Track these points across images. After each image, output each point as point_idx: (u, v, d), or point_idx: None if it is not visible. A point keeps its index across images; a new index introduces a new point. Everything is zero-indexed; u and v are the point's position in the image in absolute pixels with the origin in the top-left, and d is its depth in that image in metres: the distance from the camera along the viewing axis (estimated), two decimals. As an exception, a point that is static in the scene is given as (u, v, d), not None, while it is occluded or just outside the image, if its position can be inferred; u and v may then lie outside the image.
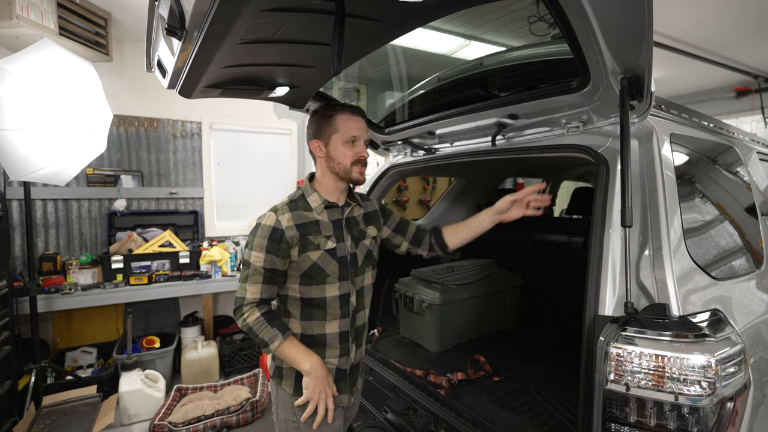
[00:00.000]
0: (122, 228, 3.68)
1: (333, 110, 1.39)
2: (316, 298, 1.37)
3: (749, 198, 1.72)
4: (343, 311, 1.40)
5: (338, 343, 1.41)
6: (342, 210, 1.44)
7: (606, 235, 1.16)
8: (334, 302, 1.38)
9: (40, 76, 2.41)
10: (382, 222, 1.61)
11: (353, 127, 1.38)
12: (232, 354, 3.60)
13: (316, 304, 1.38)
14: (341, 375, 1.44)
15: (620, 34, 1.02)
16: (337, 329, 1.40)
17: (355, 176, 1.39)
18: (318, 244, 1.35)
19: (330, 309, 1.38)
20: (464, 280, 2.26)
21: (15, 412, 2.67)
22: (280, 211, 1.34)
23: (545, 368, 1.99)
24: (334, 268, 1.37)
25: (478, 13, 1.63)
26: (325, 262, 1.35)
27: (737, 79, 4.35)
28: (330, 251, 1.36)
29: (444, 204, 3.15)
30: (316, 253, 1.34)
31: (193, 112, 3.97)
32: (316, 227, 1.36)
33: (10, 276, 2.68)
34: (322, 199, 1.39)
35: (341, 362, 1.43)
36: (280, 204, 1.39)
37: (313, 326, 1.39)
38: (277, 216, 1.33)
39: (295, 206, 1.38)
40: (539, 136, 1.64)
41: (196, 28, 1.05)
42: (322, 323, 1.39)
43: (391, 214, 1.67)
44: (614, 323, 1.04)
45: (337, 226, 1.41)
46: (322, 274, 1.35)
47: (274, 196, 4.41)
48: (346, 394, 1.45)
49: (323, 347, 1.40)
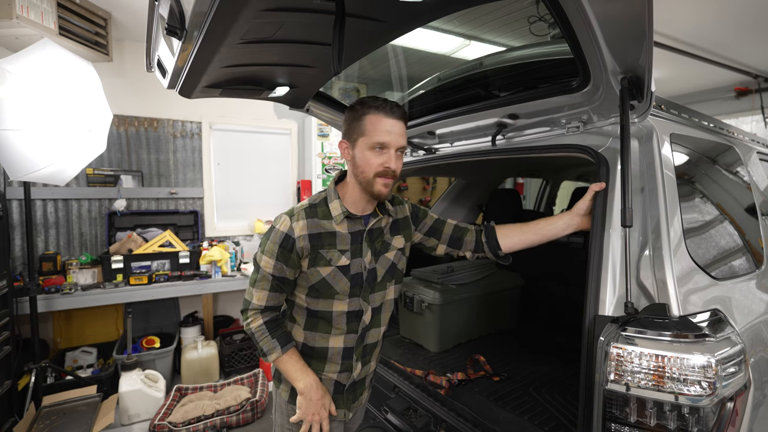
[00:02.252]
0: (122, 228, 3.68)
1: (366, 107, 1.20)
2: (321, 311, 1.29)
3: (749, 198, 1.72)
4: (350, 327, 1.30)
5: (340, 359, 1.32)
6: (365, 221, 1.29)
7: (606, 235, 1.16)
8: (341, 318, 1.29)
9: (40, 76, 2.41)
10: (415, 228, 1.45)
11: (383, 131, 1.18)
12: (232, 354, 3.60)
13: (322, 316, 1.29)
14: (339, 389, 1.36)
15: (620, 34, 1.02)
16: (341, 344, 1.30)
17: (377, 189, 1.21)
18: (330, 259, 1.23)
19: (336, 323, 1.29)
20: (464, 280, 2.26)
21: (15, 412, 2.67)
22: (296, 217, 1.23)
23: (545, 368, 1.99)
24: (345, 286, 1.25)
25: (478, 13, 1.62)
26: (336, 279, 1.24)
27: (737, 79, 4.35)
28: (342, 268, 1.24)
29: (444, 204, 3.15)
30: (327, 269, 1.23)
31: (193, 112, 3.97)
32: (332, 239, 1.24)
33: (10, 276, 2.68)
34: (343, 209, 1.25)
35: (341, 377, 1.35)
36: (298, 207, 1.26)
37: (316, 338, 1.31)
38: (292, 222, 1.22)
39: (314, 212, 1.25)
40: (539, 136, 1.64)
41: (196, 28, 1.05)
42: (326, 336, 1.30)
43: (425, 216, 1.48)
44: (614, 323, 1.04)
45: (357, 239, 1.27)
46: (330, 290, 1.25)
47: (274, 196, 4.42)
48: (342, 410, 1.37)
49: (324, 360, 1.32)
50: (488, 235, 1.44)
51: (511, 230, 1.43)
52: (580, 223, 1.34)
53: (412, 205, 1.49)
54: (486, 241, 1.44)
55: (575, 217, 1.34)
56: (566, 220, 1.35)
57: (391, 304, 1.40)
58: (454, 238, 1.47)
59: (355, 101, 1.26)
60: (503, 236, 1.43)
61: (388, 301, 1.38)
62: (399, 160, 1.24)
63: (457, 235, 1.47)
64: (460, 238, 1.47)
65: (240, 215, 4.29)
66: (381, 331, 1.39)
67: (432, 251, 1.52)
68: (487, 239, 1.44)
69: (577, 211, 1.33)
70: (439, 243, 1.48)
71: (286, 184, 4.53)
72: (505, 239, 1.43)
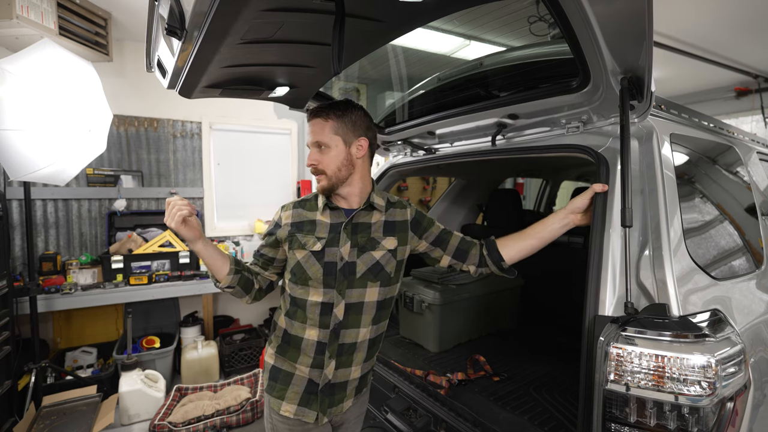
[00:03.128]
0: (122, 228, 3.68)
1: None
2: (298, 298, 1.34)
3: (749, 198, 1.72)
4: (322, 320, 1.31)
5: (312, 353, 1.32)
6: (348, 213, 1.34)
7: (606, 235, 1.16)
8: (314, 308, 1.31)
9: (40, 76, 2.41)
10: (415, 234, 1.44)
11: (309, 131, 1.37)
12: (232, 354, 3.60)
13: (299, 305, 1.34)
14: (312, 388, 1.34)
15: (620, 34, 1.02)
16: (315, 338, 1.31)
17: (318, 185, 1.37)
18: (305, 243, 1.31)
19: (309, 314, 1.32)
20: (464, 280, 2.26)
21: (15, 412, 2.67)
22: (285, 208, 1.40)
23: (545, 368, 1.99)
24: (317, 272, 1.29)
25: (478, 13, 1.62)
26: (309, 263, 1.30)
27: (737, 79, 4.35)
28: (316, 253, 1.30)
29: (444, 204, 3.15)
30: (301, 252, 1.32)
31: (193, 112, 3.97)
32: (311, 226, 1.34)
33: (10, 276, 2.68)
34: (324, 200, 1.35)
35: (314, 374, 1.33)
36: (291, 201, 1.43)
37: (294, 326, 1.34)
38: (282, 212, 1.40)
39: (302, 205, 1.40)
40: (539, 136, 1.64)
41: (196, 28, 1.05)
42: (303, 326, 1.33)
43: (431, 225, 1.47)
44: (614, 323, 1.04)
45: (336, 228, 1.32)
46: (303, 275, 1.31)
47: (274, 196, 4.42)
48: (314, 411, 1.33)
49: (298, 350, 1.34)
50: (489, 249, 1.43)
51: (510, 240, 1.42)
52: (575, 220, 1.34)
53: (418, 212, 1.47)
54: (488, 254, 1.43)
55: (569, 215, 1.34)
56: (561, 219, 1.35)
57: (374, 307, 1.35)
58: (461, 251, 1.46)
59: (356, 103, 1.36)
60: (503, 247, 1.42)
61: (369, 303, 1.33)
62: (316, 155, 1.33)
63: (463, 248, 1.46)
64: (466, 252, 1.46)
65: (240, 215, 4.29)
66: (360, 333, 1.34)
67: (435, 262, 1.50)
68: (489, 252, 1.43)
69: (571, 208, 1.33)
70: (444, 254, 1.47)
71: (286, 184, 4.53)
72: (506, 250, 1.41)
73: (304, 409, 1.33)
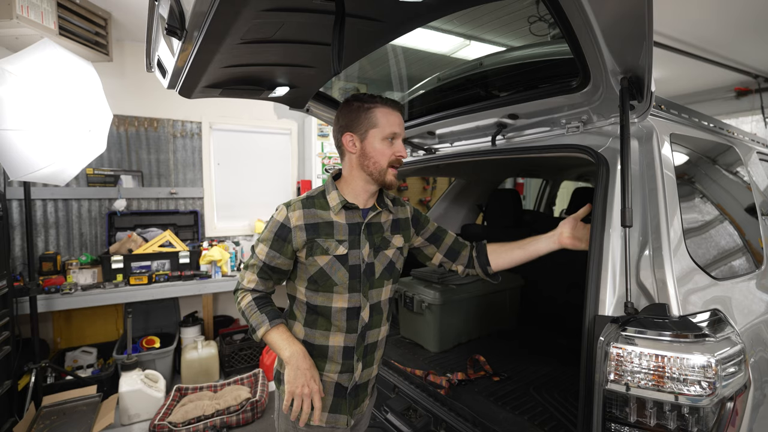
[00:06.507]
0: (122, 228, 3.68)
1: (373, 101, 1.24)
2: (321, 306, 1.27)
3: (749, 198, 1.72)
4: (349, 325, 1.28)
5: (341, 359, 1.29)
6: (364, 213, 1.30)
7: (606, 235, 1.16)
8: (340, 314, 1.26)
9: (40, 76, 2.41)
10: (414, 231, 1.45)
11: (395, 123, 1.24)
12: (232, 354, 3.60)
13: (321, 312, 1.27)
14: (341, 392, 1.31)
15: (620, 34, 1.02)
16: (341, 343, 1.28)
17: (389, 179, 1.26)
18: (327, 248, 1.23)
19: (335, 320, 1.27)
20: (464, 280, 2.26)
21: (15, 412, 2.67)
22: (292, 207, 1.25)
23: (545, 368, 1.99)
24: (343, 276, 1.24)
25: (478, 13, 1.62)
26: (334, 269, 1.24)
27: (737, 79, 4.35)
28: (340, 257, 1.24)
29: (444, 204, 3.15)
30: (324, 258, 1.23)
31: (193, 112, 3.97)
32: (329, 229, 1.24)
33: (10, 276, 2.68)
34: (340, 198, 1.26)
35: (342, 378, 1.30)
36: (296, 199, 1.28)
37: (316, 335, 1.29)
38: (288, 212, 1.24)
39: (311, 203, 1.27)
40: (539, 136, 1.64)
41: (196, 28, 1.05)
42: (326, 333, 1.28)
43: (427, 222, 1.49)
44: (614, 323, 1.04)
45: (354, 230, 1.27)
46: (328, 281, 1.24)
47: (274, 196, 4.42)
48: (345, 415, 1.31)
49: (324, 359, 1.29)
50: (479, 252, 1.47)
51: (500, 248, 1.46)
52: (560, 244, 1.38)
53: (414, 209, 1.49)
54: (476, 256, 1.47)
55: (555, 243, 1.38)
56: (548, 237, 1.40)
57: (388, 304, 1.38)
58: (453, 250, 1.50)
59: (350, 96, 1.30)
60: (493, 253, 1.46)
61: (385, 301, 1.36)
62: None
63: (455, 248, 1.50)
64: (458, 252, 1.50)
65: (240, 215, 4.29)
66: (381, 332, 1.37)
67: (427, 259, 1.53)
68: (477, 255, 1.47)
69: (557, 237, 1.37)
70: (437, 251, 1.50)
71: (287, 184, 4.53)
72: (494, 256, 1.45)
73: (336, 415, 1.31)
